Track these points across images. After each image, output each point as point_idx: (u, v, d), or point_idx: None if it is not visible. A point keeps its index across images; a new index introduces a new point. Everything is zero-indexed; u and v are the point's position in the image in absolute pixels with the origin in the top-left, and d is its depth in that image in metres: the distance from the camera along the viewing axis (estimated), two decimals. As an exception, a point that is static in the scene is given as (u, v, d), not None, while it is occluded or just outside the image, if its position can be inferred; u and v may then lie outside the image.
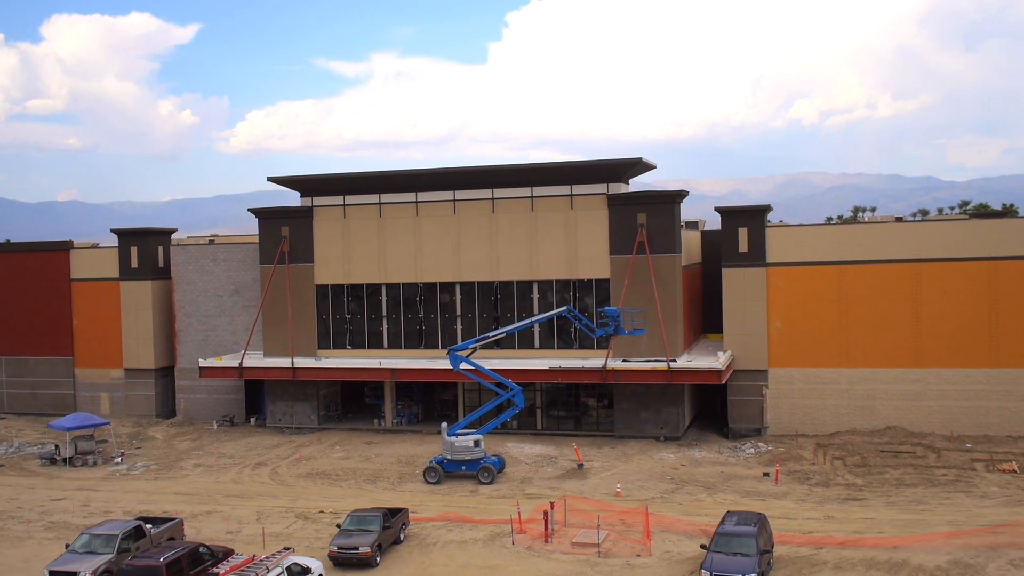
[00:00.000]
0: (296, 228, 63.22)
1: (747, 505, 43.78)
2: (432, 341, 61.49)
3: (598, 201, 58.12)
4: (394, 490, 48.98)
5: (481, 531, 40.86)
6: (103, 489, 50.76)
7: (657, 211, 57.09)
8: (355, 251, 62.33)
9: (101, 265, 70.01)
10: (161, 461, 56.73)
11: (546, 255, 59.06)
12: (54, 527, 43.60)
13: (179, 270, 67.83)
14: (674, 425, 57.10)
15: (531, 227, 59.30)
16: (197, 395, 67.68)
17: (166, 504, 47.08)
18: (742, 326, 57.74)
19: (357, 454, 56.39)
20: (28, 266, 71.67)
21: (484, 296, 60.60)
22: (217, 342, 66.95)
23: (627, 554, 37.55)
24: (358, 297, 62.87)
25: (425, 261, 61.11)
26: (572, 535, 39.56)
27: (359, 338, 62.89)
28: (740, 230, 57.68)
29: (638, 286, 56.91)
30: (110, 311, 69.61)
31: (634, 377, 55.11)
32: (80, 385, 70.89)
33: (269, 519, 43.86)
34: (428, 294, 61.57)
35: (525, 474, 51.03)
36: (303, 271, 63.29)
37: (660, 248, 56.86)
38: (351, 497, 47.52)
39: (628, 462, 52.75)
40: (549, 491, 47.45)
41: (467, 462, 49.63)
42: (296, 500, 47.16)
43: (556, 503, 41.04)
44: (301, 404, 63.18)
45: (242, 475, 52.85)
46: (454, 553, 38.35)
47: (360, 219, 62.21)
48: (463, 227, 60.39)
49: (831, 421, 56.73)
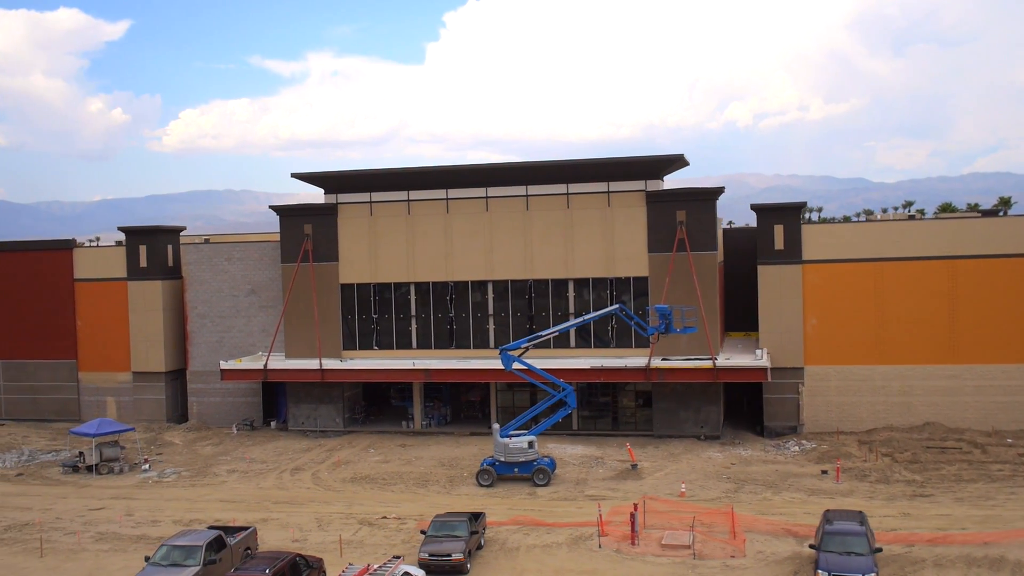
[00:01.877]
0: (320, 226, 61.49)
1: (817, 503, 43.49)
2: (463, 341, 60.29)
3: (636, 198, 57.50)
4: (448, 494, 47.75)
5: (559, 534, 39.90)
6: (141, 497, 48.67)
7: (696, 208, 56.69)
8: (382, 249, 60.84)
9: (107, 264, 67.39)
10: (190, 467, 54.66)
11: (582, 253, 58.27)
12: (104, 538, 41.57)
13: (191, 269, 65.58)
14: (714, 424, 56.75)
15: (566, 224, 58.45)
16: (211, 398, 65.49)
17: (214, 512, 45.25)
18: (777, 324, 57.60)
19: (395, 457, 54.99)
20: (27, 265, 68.70)
21: (518, 295, 59.60)
22: (232, 344, 64.86)
23: (720, 555, 36.91)
24: (385, 296, 61.40)
25: (456, 259, 59.89)
26: (657, 537, 38.85)
27: (386, 338, 61.41)
28: (776, 227, 57.53)
29: (676, 284, 56.42)
30: (117, 312, 67.02)
31: (678, 376, 54.63)
32: (84, 389, 68.17)
33: (331, 526, 42.38)
34: (459, 293, 60.36)
35: (577, 475, 50.19)
36: (327, 270, 61.60)
37: (699, 246, 56.48)
38: (407, 502, 46.23)
39: (678, 462, 52.22)
40: (609, 492, 46.73)
41: (520, 464, 48.61)
42: (351, 506, 45.67)
43: (638, 504, 40.22)
44: (326, 407, 61.48)
45: (283, 480, 51.13)
46: (542, 557, 37.34)
47: (387, 216, 60.74)
48: (496, 224, 59.30)
49: (867, 418, 56.88)
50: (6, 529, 43.43)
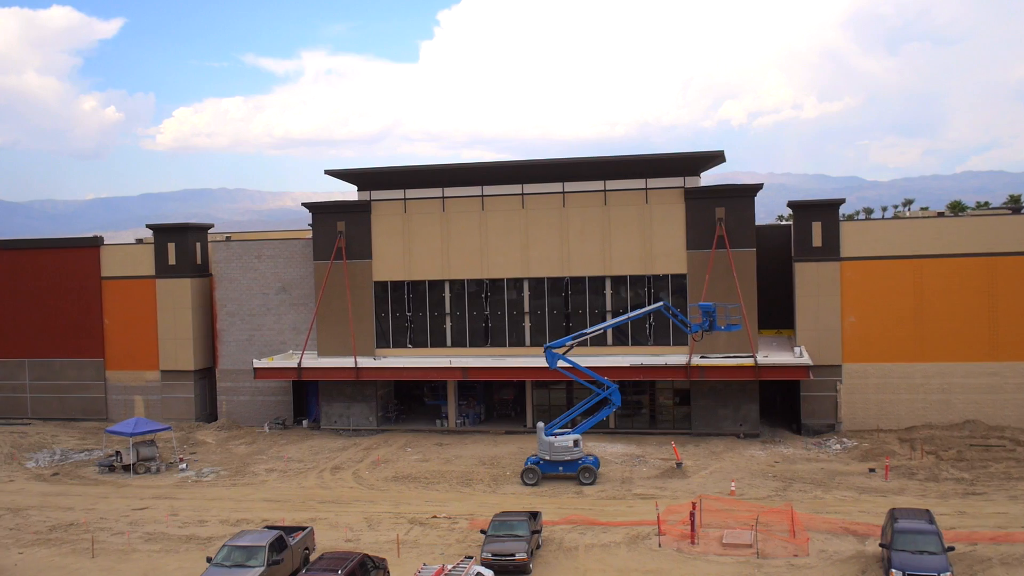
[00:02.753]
0: (353, 223, 61.03)
1: (870, 501, 43.27)
2: (499, 339, 59.90)
3: (674, 195, 57.15)
4: (494, 492, 47.36)
5: (615, 533, 39.55)
6: (183, 497, 48.19)
7: (735, 205, 56.38)
8: (416, 246, 60.40)
9: (135, 262, 66.83)
10: (227, 466, 54.18)
11: (619, 250, 57.89)
12: (154, 539, 41.09)
13: (221, 267, 65.06)
14: (753, 422, 56.44)
15: (604, 221, 58.08)
16: (240, 397, 65.01)
17: (260, 512, 44.79)
18: (815, 321, 57.30)
19: (434, 456, 54.57)
20: (53, 263, 68.10)
21: (554, 292, 59.21)
22: (262, 342, 64.38)
23: (782, 554, 36.56)
24: (419, 294, 60.94)
25: (491, 257, 59.48)
26: (716, 536, 38.51)
27: (420, 336, 60.98)
28: (814, 224, 57.21)
29: (714, 281, 56.09)
30: (145, 310, 66.47)
31: (719, 374, 54.30)
32: (112, 388, 67.61)
33: (381, 525, 41.96)
34: (494, 291, 59.95)
35: (621, 474, 49.83)
36: (360, 267, 61.15)
37: (738, 242, 56.15)
38: (454, 501, 45.83)
39: (720, 460, 51.89)
40: (657, 491, 46.38)
41: (565, 463, 48.23)
42: (398, 505, 45.25)
43: (696, 503, 39.86)
44: (359, 405, 61.03)
45: (324, 480, 50.69)
46: (603, 557, 36.96)
47: (422, 213, 60.31)
48: (532, 221, 58.90)
49: (906, 416, 56.61)
50: (51, 529, 42.94)
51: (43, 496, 49.21)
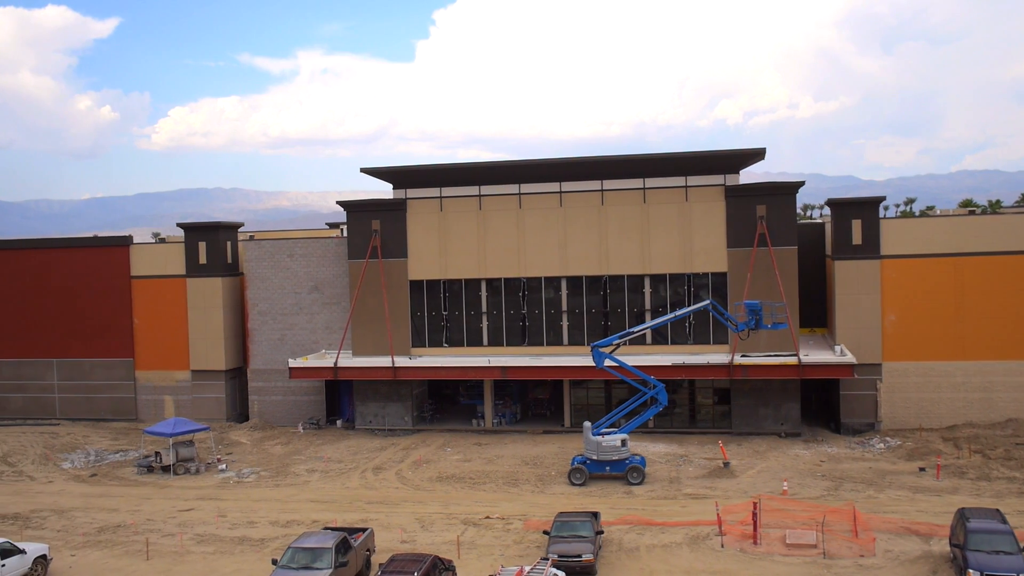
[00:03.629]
0: (388, 222, 60.58)
1: (926, 501, 42.97)
2: (536, 338, 59.50)
3: (715, 192, 56.80)
4: (542, 492, 46.97)
5: (674, 534, 39.17)
6: (227, 498, 47.73)
7: (776, 202, 56.04)
8: (452, 245, 59.98)
9: (164, 261, 66.30)
10: (266, 467, 53.73)
11: (659, 248, 57.52)
12: (205, 540, 40.65)
13: (252, 266, 64.57)
14: (795, 421, 56.11)
15: (643, 219, 57.71)
16: (272, 397, 64.54)
17: (308, 513, 44.36)
18: (854, 320, 56.94)
19: (475, 456, 54.15)
20: (82, 263, 67.56)
21: (592, 291, 58.83)
22: (295, 341, 63.91)
23: (847, 554, 36.21)
24: (455, 293, 60.54)
25: (529, 255, 59.08)
26: (777, 536, 38.14)
27: (456, 335, 60.55)
28: (854, 222, 56.84)
29: (755, 279, 55.74)
30: (175, 310, 65.97)
31: (762, 372, 53.95)
32: (141, 388, 67.09)
33: (434, 526, 41.55)
34: (532, 289, 59.56)
35: (668, 473, 49.46)
36: (396, 266, 60.70)
37: (780, 240, 55.80)
38: (503, 501, 45.43)
39: (765, 459, 51.54)
40: (707, 490, 46.03)
41: (612, 462, 47.85)
42: (448, 506, 44.83)
43: (757, 503, 39.48)
44: (394, 405, 60.61)
45: (367, 480, 50.26)
46: (666, 558, 36.58)
47: (458, 212, 59.89)
48: (570, 220, 58.52)
49: (947, 414, 56.31)
50: (99, 531, 42.49)
51: (85, 497, 48.74)
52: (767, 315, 49.94)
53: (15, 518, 45.13)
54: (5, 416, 68.76)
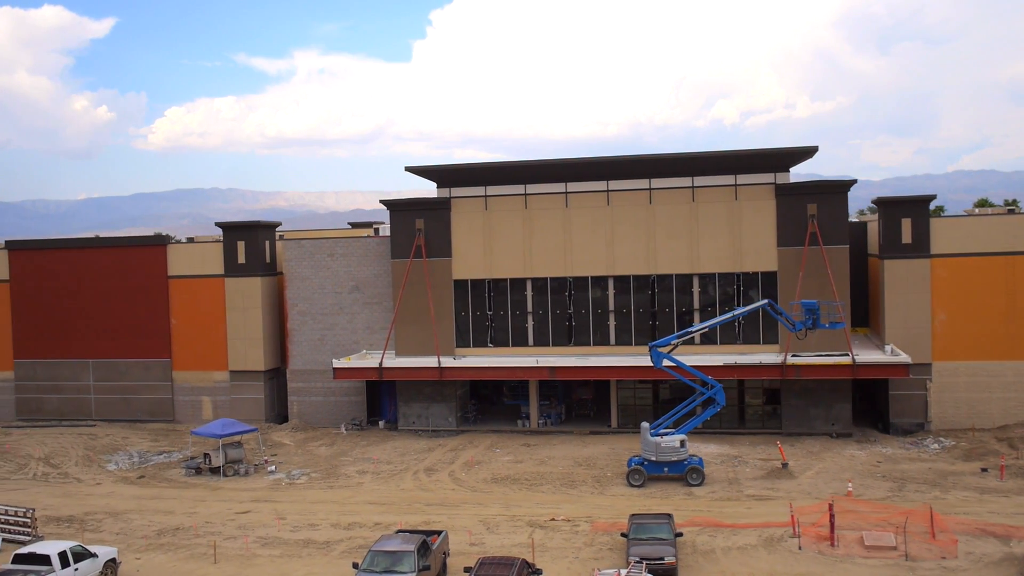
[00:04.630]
0: (432, 221, 60.06)
1: (994, 502, 42.56)
2: (583, 338, 59.01)
3: (765, 191, 56.35)
4: (601, 494, 46.48)
5: (746, 536, 38.68)
6: (282, 500, 47.20)
7: (828, 201, 55.60)
8: (497, 244, 59.48)
9: (202, 261, 65.73)
10: (314, 468, 53.20)
11: (707, 247, 57.05)
12: (270, 543, 40.13)
13: (291, 266, 64.03)
14: (846, 421, 55.67)
15: (691, 218, 57.25)
16: (312, 398, 63.99)
17: (368, 515, 43.81)
18: (904, 319, 56.49)
19: (525, 457, 53.64)
20: (118, 263, 66.94)
21: (640, 290, 58.35)
22: (335, 342, 63.37)
23: (929, 556, 35.75)
24: (500, 292, 60.01)
25: (575, 254, 58.58)
26: (853, 537, 37.66)
27: (501, 335, 60.05)
28: (903, 221, 56.40)
29: (805, 278, 55.29)
30: (213, 310, 65.40)
31: (816, 372, 53.50)
32: (178, 389, 66.50)
33: (499, 528, 41.04)
34: (578, 289, 59.06)
35: (724, 475, 48.98)
36: (440, 265, 60.17)
37: (831, 239, 55.35)
38: (564, 503, 44.93)
39: (821, 460, 51.07)
40: (769, 492, 45.59)
41: (671, 463, 47.36)
42: (509, 508, 44.31)
43: (833, 505, 38.98)
44: (437, 405, 60.09)
45: (421, 481, 49.74)
46: (745, 560, 36.09)
47: (503, 210, 59.39)
48: (617, 218, 58.04)
49: (998, 414, 55.89)
50: (159, 534, 41.93)
51: (137, 500, 48.19)
52: (824, 314, 49.52)
53: (70, 520, 44.57)
54: (40, 417, 68.18)
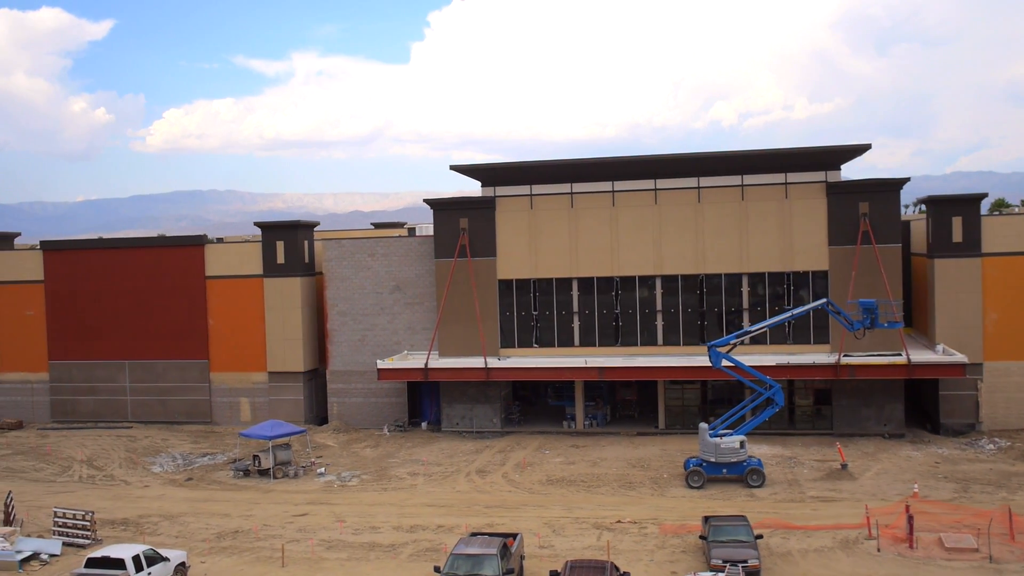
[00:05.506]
0: (476, 220, 59.46)
1: (1065, 503, 41.96)
2: (630, 338, 58.43)
3: (815, 189, 55.81)
4: (661, 495, 45.92)
5: (820, 538, 38.13)
6: (338, 503, 46.59)
7: (880, 199, 55.06)
8: (543, 243, 58.90)
9: (240, 261, 65.11)
10: (364, 470, 52.61)
11: (757, 246, 56.51)
12: (334, 546, 39.54)
13: (331, 266, 63.42)
14: (898, 422, 55.13)
15: (741, 217, 56.70)
16: (352, 399, 63.38)
17: (429, 517, 43.19)
18: (955, 319, 55.93)
19: (577, 458, 53.05)
20: (155, 263, 66.28)
21: (688, 290, 57.77)
22: (375, 342, 62.75)
23: (1012, 558, 35.20)
24: (546, 292, 59.42)
25: (622, 253, 58.01)
26: (930, 539, 37.10)
27: (547, 335, 59.44)
28: (954, 220, 55.87)
29: (857, 277, 54.74)
30: (251, 310, 64.78)
31: (870, 372, 52.96)
32: (216, 390, 65.83)
33: (565, 531, 40.47)
34: (625, 288, 58.47)
35: (783, 476, 48.41)
36: (484, 265, 59.57)
37: (884, 238, 54.80)
38: (626, 504, 44.35)
39: (878, 461, 50.52)
40: (831, 493, 45.06)
41: (730, 464, 46.80)
42: (571, 510, 43.72)
43: (910, 506, 38.42)
44: (481, 407, 59.51)
45: (475, 483, 49.15)
46: (826, 563, 35.52)
47: (549, 209, 58.81)
48: (665, 217, 57.48)
49: (1051, 414, 55.35)
50: (218, 537, 41.34)
51: (190, 502, 47.56)
52: (883, 314, 48.97)
53: (125, 523, 43.97)
54: (75, 419, 67.54)
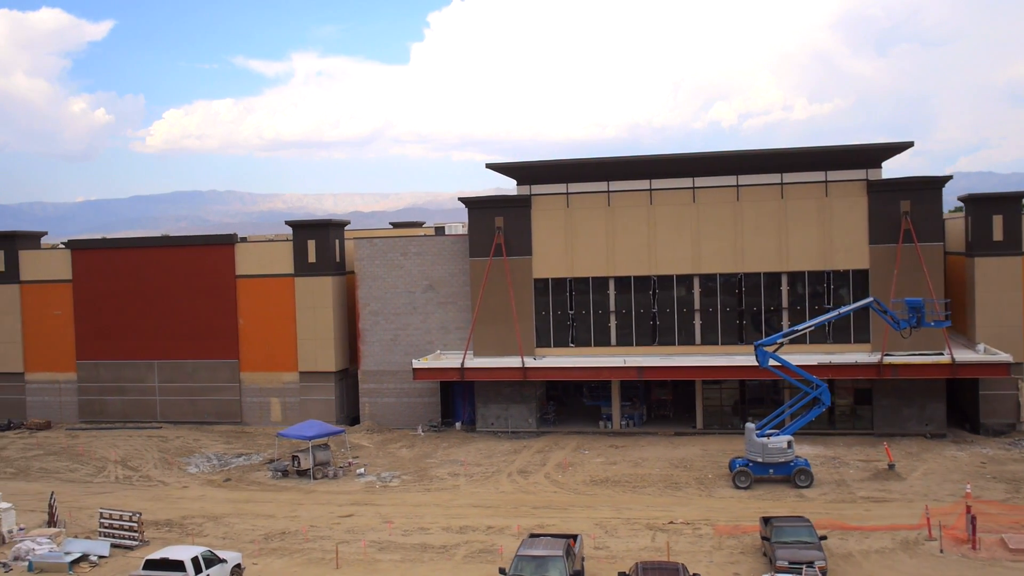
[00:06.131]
0: (512, 218, 59.01)
1: (1123, 504, 41.55)
2: (667, 338, 57.97)
3: (856, 188, 55.36)
4: (709, 496, 45.48)
5: (879, 539, 37.72)
6: (383, 503, 46.13)
7: (922, 197, 54.59)
8: (579, 242, 58.44)
9: (271, 260, 64.65)
10: (404, 470, 52.16)
11: (797, 245, 56.07)
12: (386, 547, 39.11)
13: (363, 265, 62.97)
14: (940, 421, 54.69)
15: (780, 215, 56.27)
16: (385, 399, 62.93)
17: (477, 518, 42.74)
18: (995, 318, 55.45)
19: (618, 459, 52.59)
20: (185, 262, 65.83)
21: (727, 289, 57.33)
22: (408, 342, 62.30)
23: (1077, 560, 34.78)
24: (582, 291, 58.97)
25: (660, 252, 57.56)
26: (991, 540, 36.67)
27: (583, 335, 58.98)
28: (994, 218, 55.43)
29: (899, 276, 54.30)
30: (282, 309, 64.30)
31: (913, 372, 52.52)
32: (246, 390, 65.36)
33: (618, 532, 40.04)
34: (663, 287, 58.02)
35: (829, 476, 47.97)
36: (520, 264, 59.10)
37: (926, 236, 54.34)
38: (675, 505, 43.92)
39: (923, 461, 50.08)
40: (882, 493, 44.65)
41: (777, 465, 46.36)
42: (620, 510, 43.27)
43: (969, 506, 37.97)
44: (517, 407, 59.05)
45: (518, 484, 48.71)
46: (890, 564, 35.11)
47: (585, 208, 58.37)
48: (703, 216, 57.04)
49: (1093, 414, 54.90)
50: (266, 538, 40.89)
51: (232, 503, 47.11)
52: (929, 313, 48.51)
53: (169, 524, 43.54)
54: (103, 419, 67.08)
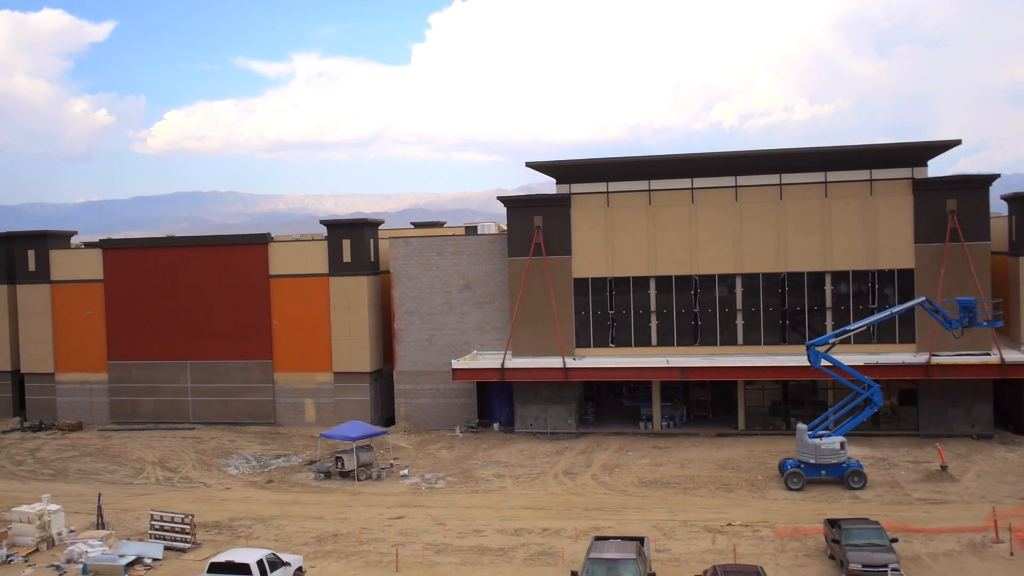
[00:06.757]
0: (551, 218, 58.52)
1: None
2: (709, 338, 57.47)
3: (901, 186, 54.85)
4: (763, 498, 44.98)
5: (944, 541, 37.20)
6: (432, 505, 45.63)
7: (968, 196, 54.08)
8: (619, 241, 57.95)
9: (305, 260, 64.20)
10: (448, 472, 51.68)
11: (841, 244, 55.56)
12: (443, 550, 38.61)
13: (399, 264, 62.49)
14: (986, 422, 54.18)
15: (824, 214, 55.76)
16: (420, 400, 62.44)
17: (530, 520, 42.24)
18: (1040, 317, 54.97)
19: (663, 460, 52.11)
20: (218, 262, 65.42)
21: (769, 289, 56.82)
22: (444, 342, 61.82)
23: None
24: (622, 291, 58.46)
25: (701, 251, 57.07)
26: (1060, 543, 36.16)
27: (624, 335, 58.47)
28: (1037, 216, 54.95)
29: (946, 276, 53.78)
30: (316, 310, 63.86)
31: (961, 372, 52.02)
32: (280, 391, 64.88)
33: (676, 534, 39.52)
34: (704, 287, 57.52)
35: (881, 478, 47.45)
36: (559, 264, 58.62)
37: (972, 236, 53.84)
38: (730, 507, 43.43)
39: (973, 462, 49.57)
40: (937, 495, 44.15)
41: (829, 466, 45.85)
42: (675, 512, 42.77)
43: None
44: (556, 407, 58.56)
45: (566, 485, 48.22)
46: (961, 567, 34.59)
47: (626, 207, 57.87)
48: (746, 215, 56.55)
49: None
50: (319, 540, 40.40)
51: (278, 505, 46.62)
52: (981, 312, 47.97)
53: (217, 526, 43.06)
54: (135, 420, 66.64)
